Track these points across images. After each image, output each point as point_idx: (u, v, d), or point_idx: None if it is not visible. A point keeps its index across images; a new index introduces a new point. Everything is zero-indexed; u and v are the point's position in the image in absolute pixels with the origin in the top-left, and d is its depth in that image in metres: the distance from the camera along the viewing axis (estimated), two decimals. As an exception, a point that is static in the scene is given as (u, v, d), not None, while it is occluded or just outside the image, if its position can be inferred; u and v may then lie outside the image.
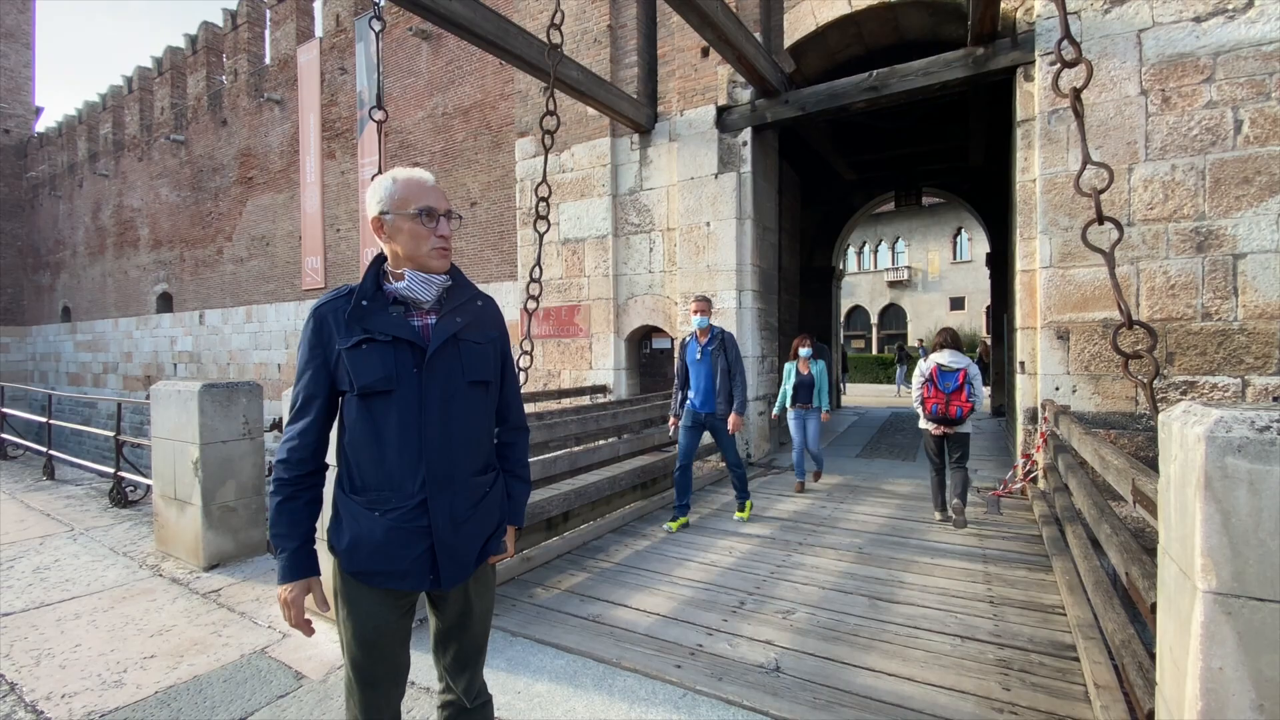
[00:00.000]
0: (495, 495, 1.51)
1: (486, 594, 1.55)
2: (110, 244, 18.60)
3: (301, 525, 1.41)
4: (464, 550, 1.42)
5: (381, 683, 1.45)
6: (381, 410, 1.36)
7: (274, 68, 13.98)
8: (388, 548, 1.36)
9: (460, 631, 1.51)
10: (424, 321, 1.41)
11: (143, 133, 17.30)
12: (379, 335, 1.35)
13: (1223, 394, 4.71)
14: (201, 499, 3.80)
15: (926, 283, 32.50)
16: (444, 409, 1.38)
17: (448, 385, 1.39)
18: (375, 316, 1.37)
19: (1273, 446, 1.22)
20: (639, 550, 4.03)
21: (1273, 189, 4.53)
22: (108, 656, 2.69)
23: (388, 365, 1.35)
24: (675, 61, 7.48)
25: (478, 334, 1.47)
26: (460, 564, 1.42)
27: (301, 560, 1.40)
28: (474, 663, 1.55)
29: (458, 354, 1.41)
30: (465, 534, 1.42)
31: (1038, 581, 3.41)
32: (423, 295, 1.41)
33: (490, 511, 1.49)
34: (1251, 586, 1.23)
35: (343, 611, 1.42)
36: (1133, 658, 2.02)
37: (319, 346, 1.39)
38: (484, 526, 1.47)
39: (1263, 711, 1.22)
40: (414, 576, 1.38)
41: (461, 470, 1.41)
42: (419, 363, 1.37)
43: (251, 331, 14.43)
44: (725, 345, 4.55)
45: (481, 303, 1.51)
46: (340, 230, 12.43)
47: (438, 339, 1.38)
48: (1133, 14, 4.93)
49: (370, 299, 1.39)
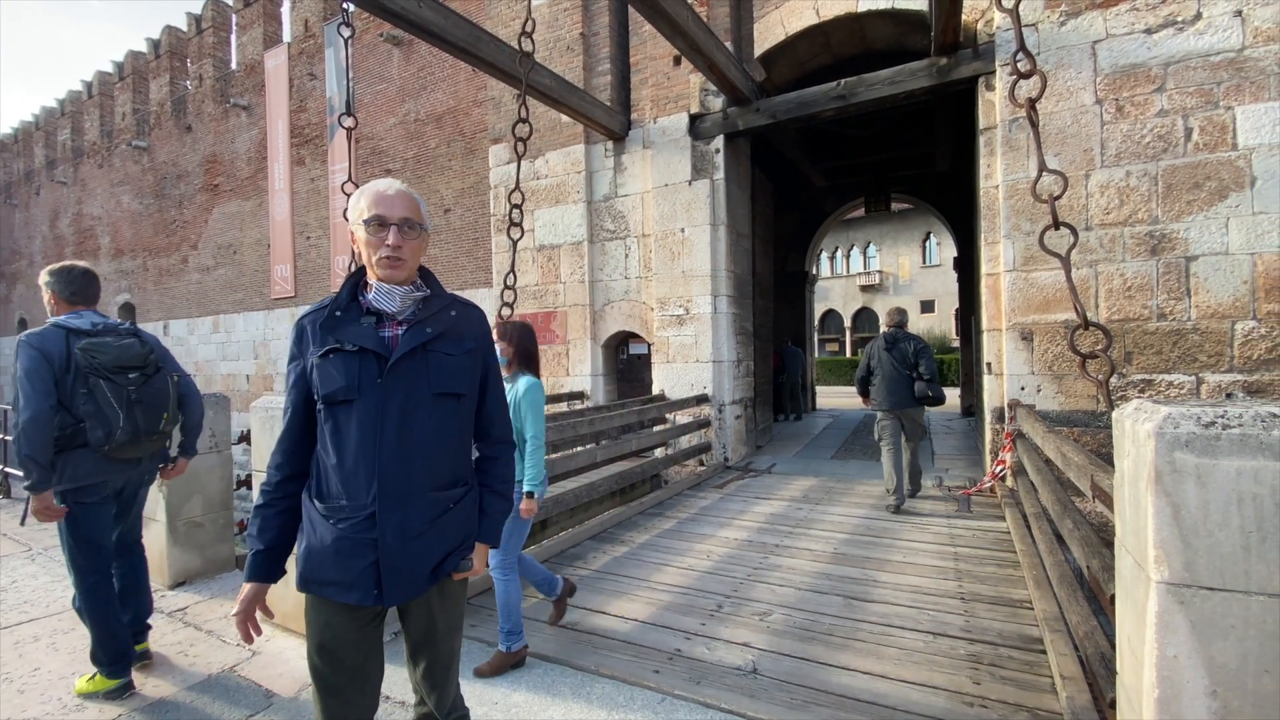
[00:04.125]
0: (461, 512, 1.46)
1: (452, 611, 1.52)
2: (69, 253, 18.00)
3: (269, 531, 1.42)
4: (411, 567, 1.38)
5: (343, 690, 1.42)
6: (344, 419, 1.36)
7: (241, 73, 13.72)
8: (336, 557, 1.34)
9: (428, 647, 1.50)
10: (394, 332, 1.41)
11: (103, 139, 16.83)
12: (346, 345, 1.37)
13: (1178, 391, 4.88)
14: (166, 515, 3.70)
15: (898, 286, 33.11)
16: (403, 420, 1.37)
17: (410, 396, 1.38)
18: (345, 327, 1.39)
19: (1218, 441, 1.28)
20: (617, 556, 4.03)
21: (1222, 193, 4.73)
22: (69, 680, 2.60)
23: (350, 374, 1.35)
24: (648, 69, 7.53)
25: (450, 345, 1.44)
26: (406, 580, 1.38)
27: (259, 563, 1.41)
28: (444, 679, 1.53)
29: (425, 365, 1.40)
30: (415, 550, 1.38)
31: (1006, 577, 3.49)
32: (386, 306, 1.41)
33: (451, 528, 1.44)
34: (1202, 576, 1.29)
35: (307, 618, 1.42)
36: (1095, 648, 2.09)
37: (299, 357, 1.42)
38: (439, 543, 1.42)
39: (1216, 697, 1.27)
40: (359, 589, 1.35)
41: (418, 484, 1.38)
42: (382, 372, 1.36)
43: (219, 342, 14.10)
44: None
45: (455, 312, 1.49)
46: (310, 238, 12.22)
47: (402, 349, 1.38)
48: (1087, 26, 5.11)
49: (344, 309, 1.41)
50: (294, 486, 1.44)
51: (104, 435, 2.35)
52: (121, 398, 2.39)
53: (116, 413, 2.37)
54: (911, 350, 5.13)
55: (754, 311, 8.45)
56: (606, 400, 7.94)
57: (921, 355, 5.09)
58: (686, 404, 6.82)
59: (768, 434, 9.28)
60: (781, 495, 5.64)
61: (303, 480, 1.44)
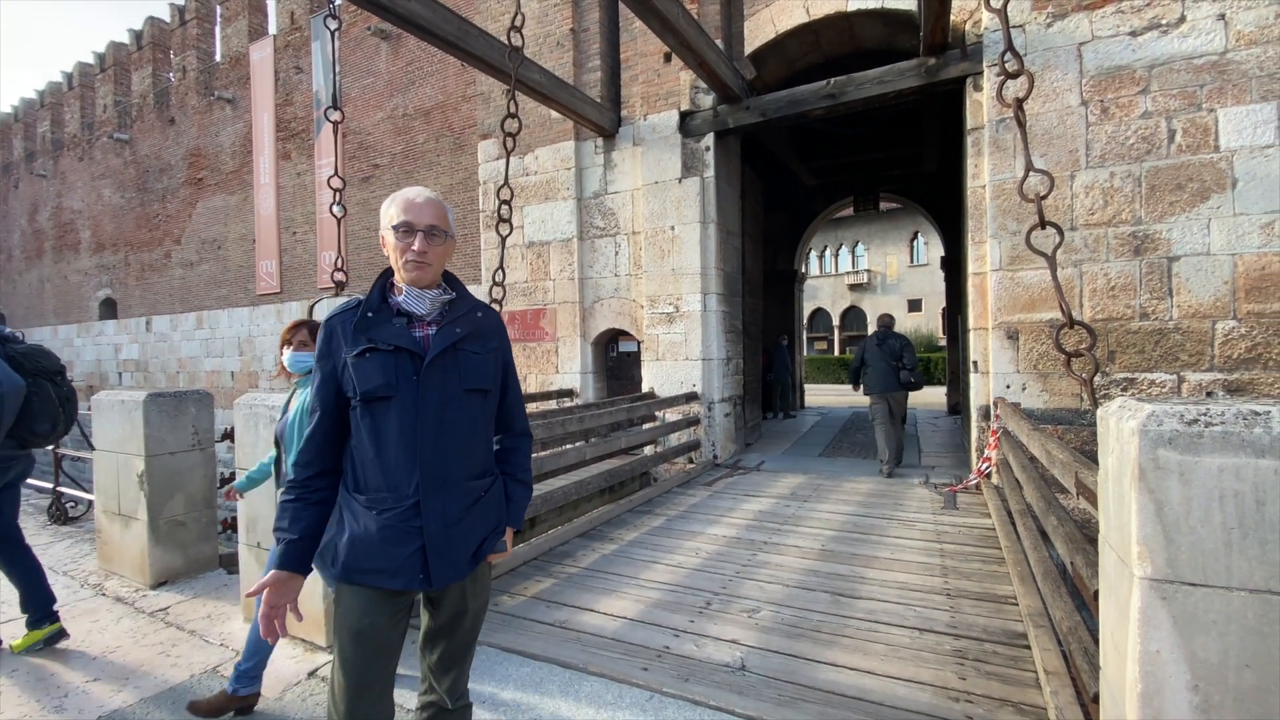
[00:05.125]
0: (492, 499, 1.57)
1: (482, 593, 1.61)
2: (49, 248, 17.71)
3: (303, 520, 1.44)
4: (455, 551, 1.47)
5: (374, 686, 1.46)
6: (382, 415, 1.43)
7: (225, 65, 13.52)
8: (382, 545, 1.41)
9: (452, 630, 1.56)
10: (425, 332, 1.49)
11: (84, 131, 16.53)
12: (381, 344, 1.43)
13: (1160, 389, 4.95)
14: (148, 513, 3.64)
15: (886, 285, 33.34)
16: (440, 415, 1.45)
17: (444, 392, 1.46)
18: (379, 327, 1.45)
19: (1200, 439, 1.29)
20: (606, 554, 4.02)
21: (1204, 195, 4.79)
22: (46, 682, 2.56)
23: (388, 372, 1.42)
24: (638, 66, 7.51)
25: (477, 344, 1.54)
26: (451, 564, 1.47)
27: (294, 552, 1.43)
28: (461, 660, 1.60)
29: (455, 363, 1.49)
30: (457, 535, 1.47)
31: (991, 573, 3.52)
32: (416, 308, 1.49)
33: (485, 514, 1.54)
34: (1184, 572, 1.30)
35: (338, 610, 1.45)
36: (1079, 643, 2.11)
37: (328, 356, 1.47)
38: (477, 529, 1.52)
39: (1198, 692, 1.29)
40: (406, 574, 1.42)
41: (456, 474, 1.47)
42: (417, 370, 1.44)
43: (203, 338, 13.91)
44: None
45: (481, 314, 1.59)
46: (296, 234, 12.08)
47: (436, 348, 1.46)
48: (1073, 28, 5.16)
49: (375, 310, 1.48)
50: (324, 481, 1.48)
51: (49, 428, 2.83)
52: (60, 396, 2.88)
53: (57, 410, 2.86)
54: (898, 346, 6.24)
55: (744, 310, 8.47)
56: (596, 398, 7.93)
57: (905, 350, 6.23)
58: (676, 402, 6.82)
59: (757, 431, 9.32)
60: (770, 492, 5.65)
61: (333, 476, 1.50)
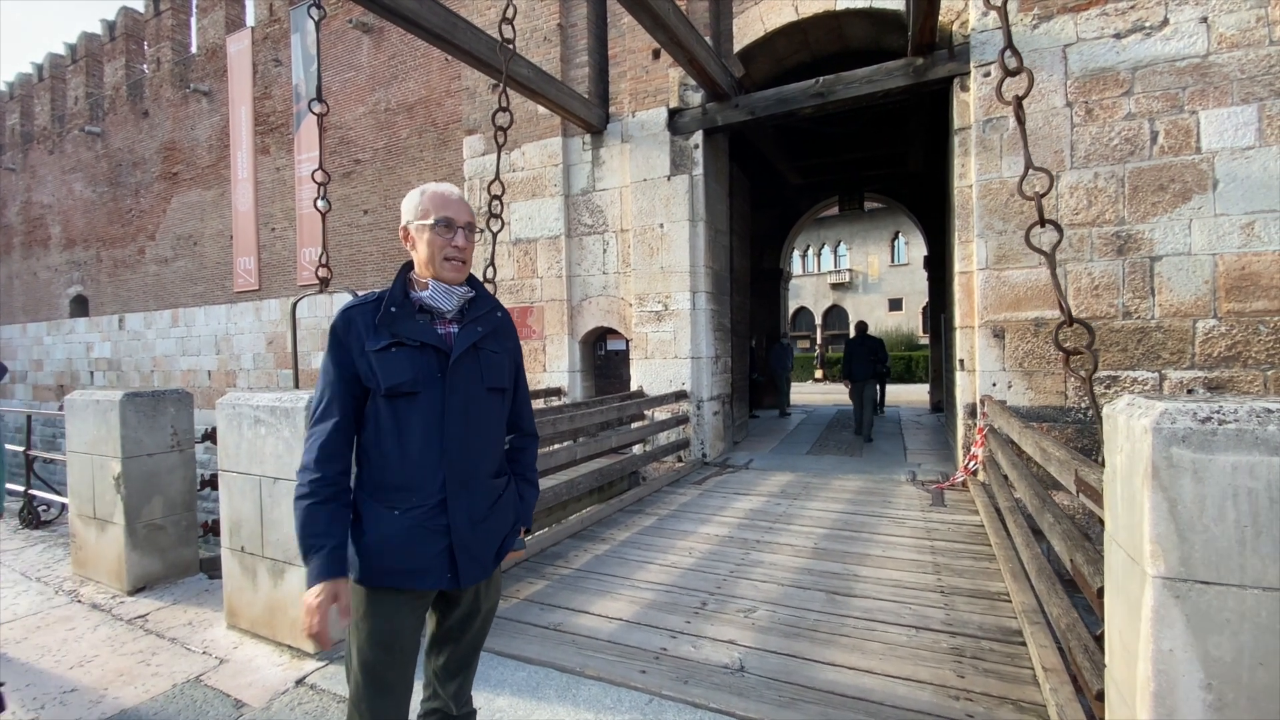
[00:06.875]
0: (509, 497, 1.58)
1: (494, 594, 1.61)
2: (17, 243, 17.18)
3: (340, 522, 1.39)
4: (481, 548, 1.48)
5: (395, 688, 1.43)
6: (405, 412, 1.42)
7: (201, 57, 13.21)
8: (409, 545, 1.40)
9: (461, 632, 1.54)
10: (447, 329, 1.49)
11: (54, 124, 16.06)
12: (408, 340, 1.42)
13: (1142, 387, 5.03)
14: (125, 517, 3.52)
15: (867, 285, 33.65)
16: (464, 413, 1.45)
17: (468, 390, 1.46)
18: (404, 322, 1.44)
19: (1214, 436, 1.29)
20: (599, 555, 3.98)
21: (1186, 195, 4.87)
22: (22, 693, 2.45)
23: (416, 368, 1.41)
24: (627, 63, 7.46)
25: (496, 344, 1.54)
26: (478, 562, 1.47)
27: (339, 559, 1.37)
28: (468, 664, 1.58)
29: (477, 361, 1.49)
30: (482, 533, 1.48)
31: (983, 570, 3.54)
32: (444, 305, 1.48)
33: (505, 512, 1.56)
34: (1198, 570, 1.30)
35: (357, 614, 1.41)
36: (1078, 641, 2.12)
37: (345, 347, 1.43)
38: (500, 526, 1.54)
39: (1210, 690, 1.28)
40: (434, 574, 1.42)
41: (479, 472, 1.48)
42: (443, 368, 1.44)
43: (178, 336, 13.58)
44: None
45: (500, 314, 1.59)
46: (275, 229, 11.84)
47: (460, 346, 1.46)
48: (1059, 30, 5.22)
49: (399, 305, 1.46)
50: (346, 480, 1.44)
51: None
52: None
53: None
54: (874, 345, 8.78)
55: (731, 308, 8.47)
56: (584, 396, 7.87)
57: (878, 348, 8.83)
58: (665, 400, 6.79)
59: (744, 430, 9.33)
60: (760, 491, 5.65)
61: (350, 473, 1.45)
